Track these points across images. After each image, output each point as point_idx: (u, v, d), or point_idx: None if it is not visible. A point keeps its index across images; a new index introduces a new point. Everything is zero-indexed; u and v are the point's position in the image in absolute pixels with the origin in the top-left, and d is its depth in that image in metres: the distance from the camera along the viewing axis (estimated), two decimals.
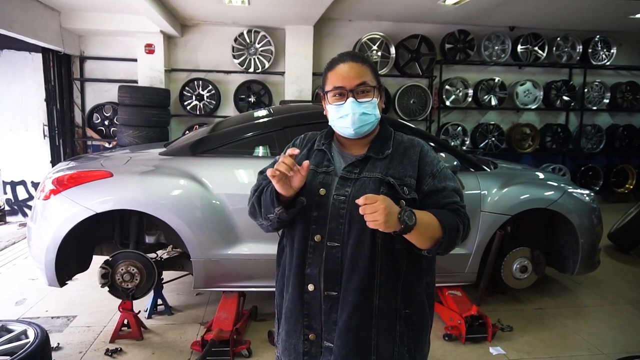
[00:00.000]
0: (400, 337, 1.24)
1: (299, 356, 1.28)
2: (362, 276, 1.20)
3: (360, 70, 1.27)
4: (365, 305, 1.21)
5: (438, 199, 1.26)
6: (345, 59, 1.29)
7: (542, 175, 3.63)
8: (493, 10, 5.84)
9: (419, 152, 1.31)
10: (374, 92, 1.28)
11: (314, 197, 1.26)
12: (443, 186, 1.27)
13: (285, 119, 3.09)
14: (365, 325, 1.21)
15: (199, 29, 6.47)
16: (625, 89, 7.32)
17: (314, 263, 1.25)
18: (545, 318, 3.30)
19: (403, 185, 1.24)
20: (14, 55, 5.70)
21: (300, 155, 1.34)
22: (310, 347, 1.27)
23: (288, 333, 1.30)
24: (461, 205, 1.27)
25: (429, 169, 1.28)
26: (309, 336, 1.27)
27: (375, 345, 1.22)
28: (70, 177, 2.75)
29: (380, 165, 1.27)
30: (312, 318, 1.27)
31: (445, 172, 1.30)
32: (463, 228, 1.23)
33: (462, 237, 1.25)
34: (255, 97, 6.48)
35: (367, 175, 1.25)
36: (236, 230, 2.83)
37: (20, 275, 4.00)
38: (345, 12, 6.22)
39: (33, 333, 2.21)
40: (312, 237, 1.25)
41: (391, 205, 1.10)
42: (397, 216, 1.10)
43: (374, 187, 1.22)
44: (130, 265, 2.83)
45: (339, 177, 1.28)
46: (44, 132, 5.93)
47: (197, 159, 2.94)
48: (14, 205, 5.93)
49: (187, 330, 3.02)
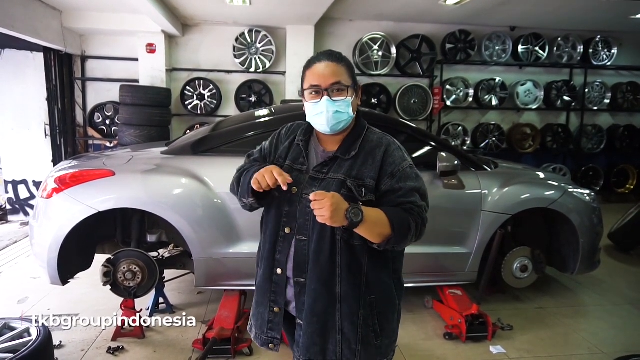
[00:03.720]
0: (364, 320, 1.36)
1: (264, 323, 1.48)
2: (324, 268, 1.34)
3: (335, 69, 1.34)
4: (328, 292, 1.35)
5: (393, 198, 1.32)
6: (322, 58, 1.36)
7: (542, 175, 3.63)
8: (494, 10, 5.84)
9: (383, 152, 1.36)
10: (348, 91, 1.35)
11: (286, 194, 1.38)
12: (400, 186, 1.32)
13: (286, 118, 3.09)
14: (330, 310, 1.35)
15: (200, 29, 6.48)
16: (626, 89, 7.33)
17: (283, 251, 1.41)
18: (546, 317, 3.30)
19: (362, 187, 1.32)
20: (16, 55, 5.71)
21: (282, 148, 1.49)
22: (274, 317, 1.46)
23: (257, 303, 1.51)
24: (417, 204, 1.31)
25: (390, 169, 1.34)
26: (274, 309, 1.45)
27: (340, 327, 1.36)
28: (73, 175, 2.76)
29: (345, 165, 1.36)
30: (278, 295, 1.44)
31: (407, 172, 1.34)
32: (416, 226, 1.28)
33: (415, 234, 1.30)
34: (256, 97, 6.49)
35: (331, 176, 1.36)
36: (237, 229, 2.84)
37: (23, 273, 4.01)
38: (347, 12, 6.23)
39: (35, 331, 2.22)
40: (282, 229, 1.41)
41: (339, 202, 1.20)
42: (344, 212, 1.20)
43: (335, 189, 1.31)
44: (132, 264, 2.84)
45: (309, 176, 1.39)
46: (46, 131, 5.94)
47: (199, 158, 2.95)
48: (15, 204, 5.94)
49: (188, 329, 3.02)
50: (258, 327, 1.51)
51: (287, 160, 1.45)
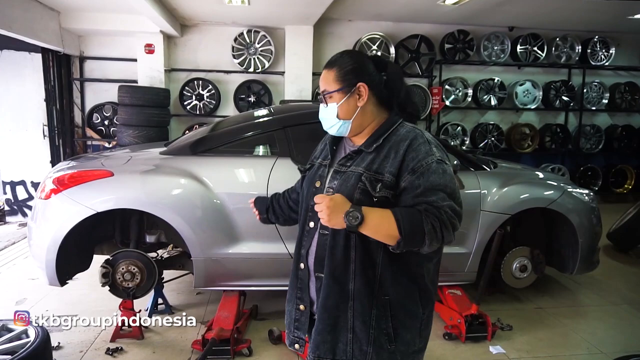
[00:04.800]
0: (376, 321, 1.31)
1: (292, 322, 1.48)
2: (338, 263, 1.32)
3: (325, 77, 1.38)
4: (341, 288, 1.32)
5: (410, 197, 1.24)
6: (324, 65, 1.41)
7: (541, 175, 3.63)
8: (492, 10, 5.85)
9: (407, 145, 1.28)
10: (334, 96, 1.37)
11: (312, 188, 1.42)
12: (419, 183, 1.22)
13: (285, 119, 3.09)
14: (342, 307, 1.32)
15: (198, 29, 6.47)
16: (624, 90, 7.35)
17: (306, 245, 1.42)
18: (545, 317, 3.30)
19: (379, 182, 1.27)
20: (14, 56, 5.69)
21: (319, 149, 1.55)
22: (300, 315, 1.45)
23: (287, 300, 1.51)
24: (436, 204, 1.19)
25: (411, 164, 1.25)
26: (299, 306, 1.45)
27: (352, 325, 1.32)
28: (71, 176, 2.75)
29: (367, 159, 1.32)
30: (303, 291, 1.44)
31: (431, 167, 1.24)
32: (433, 230, 1.17)
33: (435, 238, 1.18)
34: (255, 97, 6.49)
35: (352, 169, 1.33)
36: (236, 229, 2.83)
37: (21, 275, 3.99)
38: (345, 12, 6.23)
39: (34, 332, 2.21)
40: (307, 223, 1.42)
41: (338, 205, 1.20)
42: (342, 215, 1.18)
43: (353, 182, 1.29)
44: (130, 265, 2.83)
45: (333, 169, 1.39)
46: (44, 132, 5.92)
47: (198, 158, 2.94)
48: (13, 205, 5.93)
49: (187, 330, 3.02)
50: (287, 326, 1.50)
51: (319, 159, 1.50)
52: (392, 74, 1.40)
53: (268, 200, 1.80)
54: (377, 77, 1.38)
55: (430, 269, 1.38)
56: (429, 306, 1.39)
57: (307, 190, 1.45)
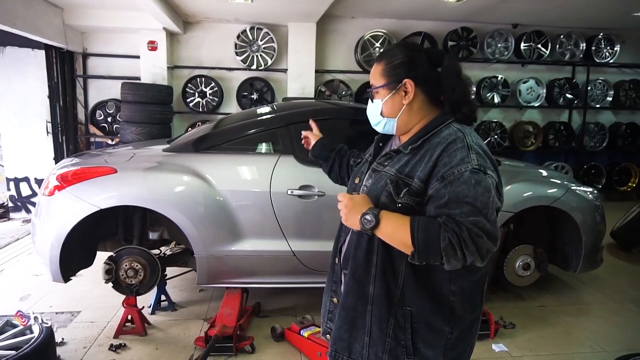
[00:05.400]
0: (394, 331, 1.23)
1: (326, 312, 1.47)
2: (359, 264, 1.28)
3: (373, 70, 1.32)
4: (360, 289, 1.28)
5: (432, 207, 1.13)
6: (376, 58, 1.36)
7: (545, 173, 3.62)
8: (496, 7, 5.82)
9: (441, 150, 1.16)
10: (380, 92, 1.30)
11: (352, 184, 1.41)
12: (444, 193, 1.11)
13: (288, 116, 3.09)
14: (360, 308, 1.28)
15: (201, 26, 6.47)
16: (629, 87, 7.30)
17: (341, 241, 1.41)
18: (548, 315, 3.30)
19: (406, 187, 1.18)
20: (17, 52, 5.70)
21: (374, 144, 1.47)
22: (333, 308, 1.43)
23: (325, 291, 1.50)
24: (457, 219, 1.06)
25: (442, 170, 1.13)
26: (333, 299, 1.44)
27: (369, 329, 1.27)
28: (75, 173, 2.76)
29: (403, 160, 1.24)
30: (337, 285, 1.43)
31: (463, 176, 1.11)
32: (451, 246, 1.05)
33: (452, 255, 1.06)
34: (258, 94, 6.48)
35: (386, 170, 1.26)
36: (239, 226, 2.83)
37: (24, 271, 4.01)
38: (348, 9, 6.20)
39: (38, 328, 2.22)
40: None
41: (356, 205, 1.17)
42: (359, 217, 1.15)
43: (383, 184, 1.24)
44: (134, 261, 2.83)
45: (371, 167, 1.34)
46: (47, 128, 5.93)
47: (201, 155, 2.94)
48: (17, 201, 5.95)
49: (190, 326, 3.03)
50: (322, 315, 1.50)
51: (367, 153, 1.48)
52: (448, 69, 1.26)
53: (332, 150, 1.75)
54: (429, 72, 1.26)
55: (465, 287, 1.23)
56: (460, 326, 1.25)
57: (349, 185, 1.45)
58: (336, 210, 1.53)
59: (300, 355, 2.70)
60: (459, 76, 1.28)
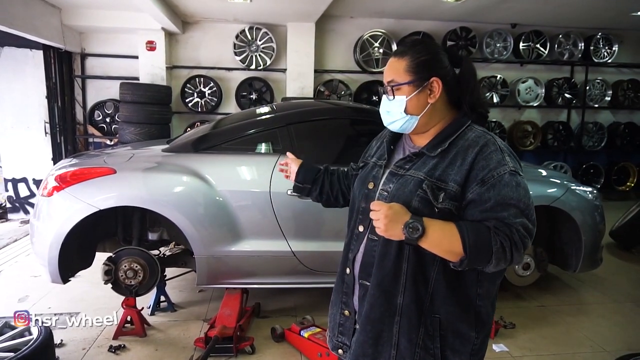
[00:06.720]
0: (424, 341, 1.20)
1: (336, 326, 1.40)
2: (386, 274, 1.21)
3: (394, 65, 1.24)
4: (387, 301, 1.22)
5: (477, 212, 1.11)
6: (393, 52, 1.29)
7: (544, 173, 3.62)
8: (495, 7, 5.82)
9: (476, 153, 1.14)
10: (404, 89, 1.22)
11: (364, 190, 1.32)
12: (488, 196, 1.10)
13: (288, 116, 3.08)
14: (387, 320, 1.22)
15: (200, 26, 6.45)
16: (627, 87, 7.32)
17: (354, 250, 1.32)
18: (548, 315, 3.30)
19: (442, 191, 1.14)
20: (15, 53, 5.67)
21: (374, 146, 1.43)
22: (345, 321, 1.37)
23: (332, 303, 1.43)
24: (507, 222, 1.08)
25: (481, 174, 1.12)
26: (344, 312, 1.37)
27: (397, 342, 1.21)
28: (73, 173, 2.75)
29: (430, 163, 1.19)
30: (348, 296, 1.35)
31: (504, 179, 1.11)
32: (502, 249, 1.06)
33: (503, 258, 1.08)
34: (257, 94, 6.47)
35: (412, 173, 1.20)
36: (239, 227, 2.82)
37: (23, 272, 4.00)
38: (347, 9, 6.20)
39: (36, 330, 2.21)
40: (357, 226, 1.32)
41: (397, 214, 1.09)
42: (401, 227, 1.08)
43: (412, 188, 1.17)
44: (133, 262, 2.83)
45: (389, 171, 1.28)
46: (45, 129, 5.91)
47: (200, 155, 2.93)
48: (15, 202, 5.92)
49: (190, 327, 3.02)
50: (330, 329, 1.43)
51: (373, 157, 1.38)
52: (467, 70, 1.26)
53: (319, 171, 1.61)
54: (451, 72, 1.24)
55: (491, 290, 1.24)
56: (484, 330, 1.25)
57: (359, 191, 1.34)
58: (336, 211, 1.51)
59: (301, 355, 2.69)
60: (475, 78, 1.28)
